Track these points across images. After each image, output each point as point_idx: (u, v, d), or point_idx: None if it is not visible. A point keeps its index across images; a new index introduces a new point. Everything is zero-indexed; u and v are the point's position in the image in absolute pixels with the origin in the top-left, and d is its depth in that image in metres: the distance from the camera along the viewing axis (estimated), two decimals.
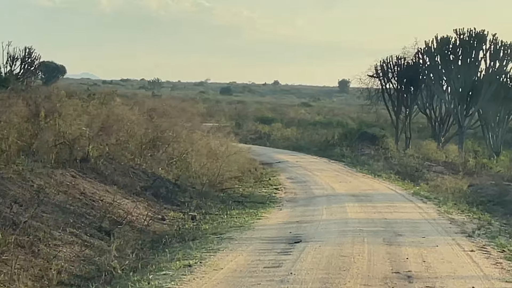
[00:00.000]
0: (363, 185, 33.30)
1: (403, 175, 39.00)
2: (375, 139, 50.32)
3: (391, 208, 25.62)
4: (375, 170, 40.22)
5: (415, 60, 53.27)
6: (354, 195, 29.57)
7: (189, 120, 38.96)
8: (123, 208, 21.30)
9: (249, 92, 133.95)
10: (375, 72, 54.39)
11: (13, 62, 67.87)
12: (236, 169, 32.36)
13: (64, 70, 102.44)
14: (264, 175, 35.94)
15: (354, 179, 36.09)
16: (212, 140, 32.78)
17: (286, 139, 55.64)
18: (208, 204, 25.44)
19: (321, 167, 40.92)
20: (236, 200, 27.22)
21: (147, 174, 26.19)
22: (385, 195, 30.06)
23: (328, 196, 29.09)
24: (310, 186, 32.60)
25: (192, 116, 41.12)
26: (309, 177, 36.11)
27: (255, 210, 24.83)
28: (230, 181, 30.73)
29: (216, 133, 39.24)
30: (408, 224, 21.98)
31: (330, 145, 51.06)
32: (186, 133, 32.01)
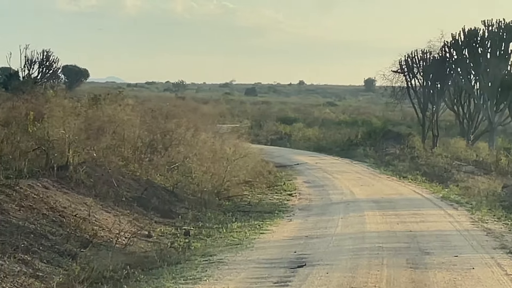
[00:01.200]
0: (386, 189, 29.39)
1: (431, 176, 35.00)
2: (400, 138, 46.25)
3: (417, 217, 21.73)
4: (400, 171, 36.29)
5: (441, 54, 48.96)
6: (375, 201, 25.69)
7: (200, 121, 35.24)
8: (100, 224, 17.65)
9: (274, 93, 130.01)
10: (399, 67, 50.23)
11: (31, 66, 64.89)
12: (246, 173, 28.61)
13: (87, 73, 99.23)
14: (279, 179, 32.13)
15: (377, 181, 32.17)
16: (219, 142, 29.03)
17: (307, 140, 51.75)
18: (207, 216, 21.71)
19: (342, 169, 37.04)
20: (241, 210, 23.49)
21: (139, 182, 22.48)
22: (411, 200, 26.14)
23: (347, 203, 25.23)
24: (327, 191, 28.76)
25: (204, 117, 37.38)
26: (328, 181, 32.25)
27: (260, 222, 21.05)
28: (238, 188, 26.98)
29: (229, 135, 35.57)
30: (437, 238, 18.11)
31: (353, 145, 47.09)
32: (191, 135, 28.27)
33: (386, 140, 45.82)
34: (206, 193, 24.23)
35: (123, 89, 42.59)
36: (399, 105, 57.86)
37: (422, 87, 49.29)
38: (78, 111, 24.45)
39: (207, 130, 33.59)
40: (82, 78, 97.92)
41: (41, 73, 67.28)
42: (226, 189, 25.69)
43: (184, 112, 34.82)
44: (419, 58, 49.12)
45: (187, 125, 30.20)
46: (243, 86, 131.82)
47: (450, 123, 59.46)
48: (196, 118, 35.09)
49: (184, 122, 30.98)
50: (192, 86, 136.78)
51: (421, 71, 49.23)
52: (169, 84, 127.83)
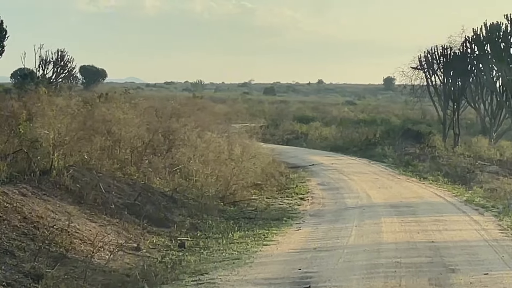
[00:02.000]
0: (405, 192, 26.90)
1: (453, 177, 32.47)
2: (420, 137, 43.60)
3: (439, 224, 19.26)
4: (420, 172, 33.75)
5: (462, 50, 46.22)
6: (394, 205, 23.23)
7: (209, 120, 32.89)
8: (81, 236, 15.35)
9: (293, 92, 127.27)
10: (419, 64, 47.63)
11: (46, 66, 62.90)
12: (255, 175, 26.23)
13: (105, 74, 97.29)
14: (291, 181, 29.70)
15: (395, 183, 29.68)
16: (226, 142, 26.60)
17: (324, 139, 49.17)
18: (208, 224, 19.36)
19: (359, 170, 34.54)
20: (246, 217, 21.13)
21: (134, 187, 20.13)
22: (432, 204, 23.64)
23: (362, 208, 22.78)
24: (342, 194, 26.32)
25: (215, 116, 35.00)
26: (344, 183, 29.79)
27: (265, 231, 18.66)
28: (246, 191, 24.62)
29: (240, 134, 33.21)
30: (462, 250, 15.67)
31: (371, 144, 44.46)
32: (196, 136, 25.90)
33: (406, 139, 43.21)
34: (209, 198, 21.88)
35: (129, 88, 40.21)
36: (419, 103, 55.36)
37: (442, 84, 46.67)
38: (70, 110, 22.12)
39: (217, 129, 31.22)
40: (100, 78, 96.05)
41: (55, 73, 65.04)
42: (232, 193, 23.33)
43: (192, 111, 32.44)
44: (439, 54, 46.47)
45: (193, 125, 27.90)
46: (261, 86, 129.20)
47: (471, 121, 56.76)
48: (205, 117, 32.74)
49: (190, 121, 28.70)
50: (210, 86, 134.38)
51: (441, 68, 46.58)
52: (188, 84, 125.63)
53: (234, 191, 23.43)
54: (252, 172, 25.52)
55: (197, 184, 22.37)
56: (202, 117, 32.02)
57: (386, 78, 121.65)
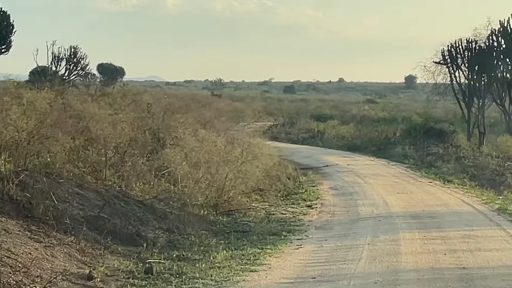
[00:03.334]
0: (428, 198, 23.01)
1: (480, 180, 28.60)
2: (443, 136, 39.59)
3: (470, 242, 15.36)
4: (444, 174, 29.86)
5: (488, 43, 42.05)
6: (414, 215, 19.36)
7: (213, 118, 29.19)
8: (13, 263, 11.62)
9: (314, 90, 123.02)
10: (442, 58, 43.45)
11: (58, 63, 59.56)
12: (257, 179, 22.46)
13: (123, 72, 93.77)
14: (300, 185, 25.93)
15: (417, 188, 25.78)
16: (223, 141, 22.77)
17: (341, 138, 45.23)
18: (191, 240, 15.61)
19: (376, 172, 30.65)
20: (239, 230, 17.33)
21: (103, 195, 16.40)
22: (459, 214, 19.72)
23: (378, 219, 18.91)
24: (356, 201, 22.48)
25: (220, 113, 31.23)
26: (359, 187, 25.94)
27: (258, 250, 14.86)
28: (244, 198, 20.89)
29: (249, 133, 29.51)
30: (504, 281, 11.78)
31: (390, 143, 40.49)
32: (191, 134, 22.15)
33: (428, 138, 39.20)
34: (198, 207, 18.15)
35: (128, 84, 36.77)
36: (441, 101, 51.15)
37: (467, 80, 42.54)
38: (39, 105, 18.44)
39: (221, 128, 27.50)
40: (118, 76, 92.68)
41: (68, 70, 61.63)
42: (227, 200, 19.57)
43: (191, 107, 28.77)
44: (464, 48, 42.26)
45: (190, 122, 24.21)
46: (282, 84, 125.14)
47: (495, 120, 52.56)
48: (207, 114, 29.03)
49: (188, 118, 25.01)
50: (230, 85, 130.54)
51: (465, 62, 42.37)
52: (208, 83, 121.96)
53: (230, 198, 19.66)
54: (252, 175, 21.72)
55: (185, 191, 18.63)
56: (203, 114, 28.33)
57: (408, 77, 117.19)
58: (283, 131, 50.46)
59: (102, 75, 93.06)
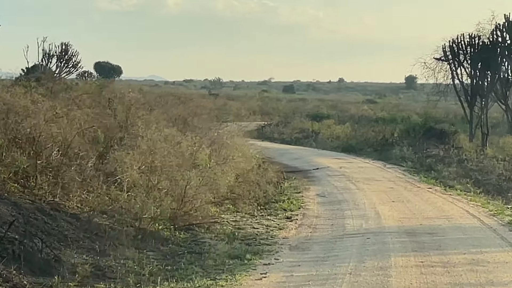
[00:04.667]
0: (427, 208, 19.41)
1: (486, 186, 24.98)
2: (444, 136, 35.92)
3: (479, 271, 11.79)
4: (445, 179, 26.26)
5: (492, 39, 38.36)
6: (410, 231, 15.78)
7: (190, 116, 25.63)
8: None
9: (313, 90, 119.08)
10: (443, 54, 39.79)
11: (49, 59, 56.13)
12: (228, 186, 18.89)
13: (120, 70, 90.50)
14: (283, 192, 22.33)
15: (414, 195, 22.19)
16: (191, 142, 19.19)
17: (336, 138, 41.61)
18: (128, 266, 12.06)
19: (371, 176, 27.06)
20: (194, 251, 13.76)
21: (21, 208, 12.81)
22: (465, 230, 16.12)
23: (366, 236, 15.32)
24: (344, 212, 18.90)
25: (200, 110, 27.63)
26: (349, 193, 22.36)
27: (210, 281, 11.30)
28: (214, 208, 17.34)
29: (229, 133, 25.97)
30: None
31: (388, 144, 36.83)
32: (155, 134, 18.55)
33: (428, 139, 35.53)
34: (149, 221, 14.60)
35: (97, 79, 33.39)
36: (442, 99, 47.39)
37: (469, 77, 38.87)
38: None
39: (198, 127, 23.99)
40: (115, 75, 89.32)
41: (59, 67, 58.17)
42: (189, 212, 15.99)
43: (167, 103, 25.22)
44: (466, 44, 38.54)
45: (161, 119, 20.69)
46: (281, 84, 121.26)
47: (496, 120, 48.91)
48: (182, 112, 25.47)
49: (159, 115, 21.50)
50: (230, 84, 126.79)
51: (468, 59, 38.67)
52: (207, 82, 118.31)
53: (193, 209, 16.08)
54: (224, 181, 18.15)
55: (137, 201, 15.07)
56: (178, 112, 24.81)
57: (408, 77, 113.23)
58: (276, 131, 46.89)
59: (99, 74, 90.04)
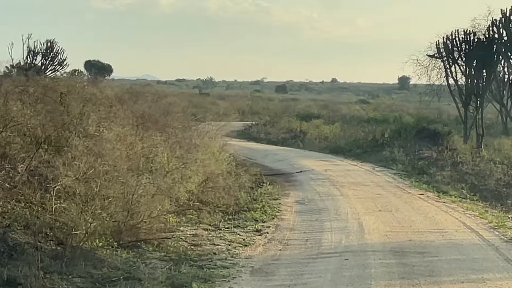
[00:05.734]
0: (418, 219, 16.68)
1: (483, 191, 22.36)
2: (437, 137, 33.12)
3: None
4: (438, 184, 23.61)
5: (488, 35, 35.62)
6: (398, 250, 13.04)
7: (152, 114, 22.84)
8: None
9: (306, 90, 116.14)
10: (436, 51, 37.02)
11: (34, 57, 53.57)
12: (192, 193, 16.16)
13: (111, 69, 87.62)
14: (259, 198, 19.55)
15: (404, 202, 19.46)
16: (147, 142, 16.47)
17: (324, 139, 38.88)
18: None
19: (358, 180, 24.33)
20: (132, 276, 10.97)
21: None
22: (461, 248, 13.38)
23: (345, 256, 12.58)
24: (323, 223, 16.16)
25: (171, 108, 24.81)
26: (332, 201, 19.62)
27: None
28: (173, 218, 14.63)
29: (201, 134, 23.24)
30: None
31: (378, 145, 34.06)
32: (101, 131, 15.81)
33: (420, 140, 32.74)
34: (81, 238, 11.86)
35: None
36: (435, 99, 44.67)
37: (464, 76, 36.10)
38: None
39: (164, 127, 21.21)
40: (105, 73, 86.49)
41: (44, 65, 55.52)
42: (136, 225, 13.24)
43: (134, 100, 22.49)
44: (461, 40, 35.79)
45: (113, 117, 17.93)
46: (274, 84, 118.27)
47: (490, 121, 46.27)
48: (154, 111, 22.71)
49: (114, 113, 18.74)
50: (222, 84, 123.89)
51: (463, 56, 35.92)
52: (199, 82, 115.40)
53: (141, 221, 13.33)
54: (184, 188, 15.41)
55: (72, 212, 12.32)
56: (147, 110, 22.06)
57: (401, 77, 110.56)
58: (263, 131, 44.14)
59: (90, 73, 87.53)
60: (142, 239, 13.10)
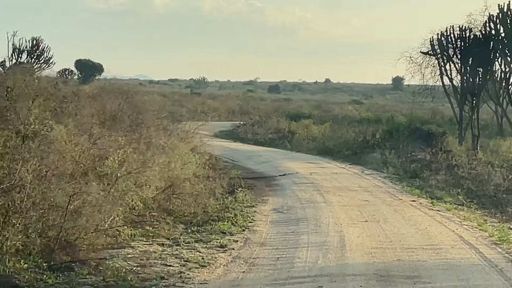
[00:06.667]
0: (408, 232, 14.35)
1: (481, 198, 20.06)
2: (431, 138, 30.77)
3: None
4: (432, 188, 21.36)
5: (484, 32, 33.30)
6: (383, 274, 10.70)
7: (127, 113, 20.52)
8: None
9: (299, 91, 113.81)
10: (430, 48, 34.71)
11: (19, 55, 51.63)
12: (150, 201, 13.82)
13: (102, 68, 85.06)
14: (233, 205, 17.19)
15: (394, 211, 17.13)
16: (89, 143, 14.13)
17: (313, 140, 36.56)
18: None
19: (344, 184, 22.01)
20: None
21: None
22: (459, 271, 11.04)
23: (318, 281, 10.23)
24: (299, 237, 13.81)
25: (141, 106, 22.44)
26: (314, 209, 17.29)
27: None
28: (127, 231, 12.31)
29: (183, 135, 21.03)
30: None
31: (368, 147, 31.72)
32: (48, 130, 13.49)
33: (413, 141, 30.42)
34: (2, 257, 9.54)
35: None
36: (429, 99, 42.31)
37: (459, 74, 33.82)
38: None
39: (130, 127, 18.92)
40: (96, 73, 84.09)
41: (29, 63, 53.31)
42: (72, 242, 10.92)
43: (103, 97, 20.17)
44: (456, 37, 33.55)
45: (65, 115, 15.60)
46: (267, 84, 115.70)
47: (485, 122, 43.99)
48: (122, 109, 20.36)
49: (68, 110, 16.43)
50: (215, 84, 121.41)
51: (458, 54, 33.65)
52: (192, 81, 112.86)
53: (79, 238, 11.02)
54: (136, 196, 13.07)
55: None
56: (112, 108, 19.73)
57: (395, 78, 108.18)
58: (250, 131, 41.82)
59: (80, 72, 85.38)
60: (77, 260, 10.78)
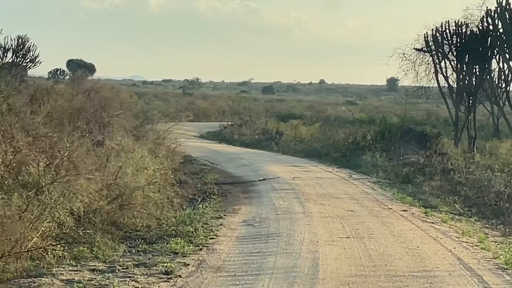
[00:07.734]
0: (397, 252, 11.76)
1: (480, 206, 17.56)
2: (425, 140, 28.22)
3: None
4: (426, 196, 18.84)
5: (482, 27, 30.74)
6: None
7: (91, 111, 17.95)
8: None
9: (294, 92, 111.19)
10: (425, 44, 32.13)
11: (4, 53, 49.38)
12: (88, 214, 11.25)
13: (94, 68, 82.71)
14: (195, 217, 14.58)
15: (381, 224, 14.54)
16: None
17: (301, 141, 34.01)
18: None
19: (329, 191, 19.42)
20: None
21: None
22: None
23: None
24: (265, 259, 11.22)
25: (110, 104, 19.88)
26: (289, 221, 14.70)
27: None
28: (40, 257, 9.74)
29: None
30: None
31: (358, 149, 29.18)
32: None
33: (406, 143, 27.87)
34: None
35: None
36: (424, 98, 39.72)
37: (455, 72, 31.25)
38: None
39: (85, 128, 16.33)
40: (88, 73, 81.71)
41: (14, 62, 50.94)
42: None
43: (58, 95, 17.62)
44: (452, 33, 31.00)
45: None
46: (261, 85, 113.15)
47: (480, 123, 41.52)
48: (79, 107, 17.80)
49: None
50: (209, 84, 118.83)
51: (453, 50, 31.10)
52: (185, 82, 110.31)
53: None
54: (62, 210, 10.49)
55: None
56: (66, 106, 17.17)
57: (390, 79, 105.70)
58: (237, 132, 39.25)
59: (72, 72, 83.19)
60: None
